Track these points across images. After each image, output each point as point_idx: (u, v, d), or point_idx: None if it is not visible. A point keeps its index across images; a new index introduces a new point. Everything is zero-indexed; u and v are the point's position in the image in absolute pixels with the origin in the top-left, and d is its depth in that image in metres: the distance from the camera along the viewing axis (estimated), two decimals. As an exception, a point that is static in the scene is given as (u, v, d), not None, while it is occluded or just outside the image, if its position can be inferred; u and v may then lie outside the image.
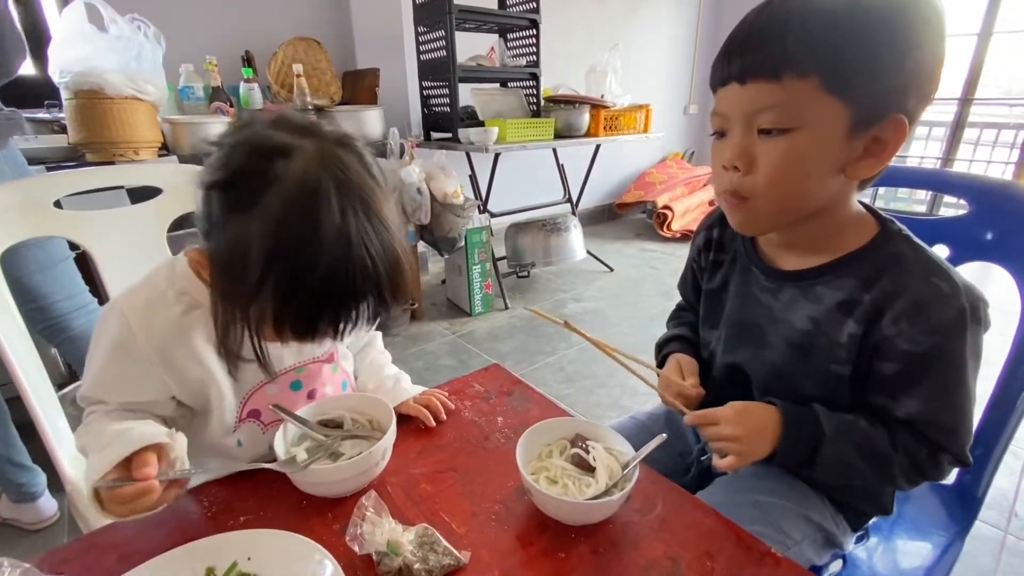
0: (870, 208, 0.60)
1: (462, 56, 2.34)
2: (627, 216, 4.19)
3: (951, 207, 3.65)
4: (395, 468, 0.59)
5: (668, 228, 3.61)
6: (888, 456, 0.55)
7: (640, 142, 2.92)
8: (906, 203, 4.20)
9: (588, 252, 2.91)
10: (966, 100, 3.51)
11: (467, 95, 2.48)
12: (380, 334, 0.82)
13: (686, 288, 0.81)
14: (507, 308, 2.53)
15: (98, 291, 1.17)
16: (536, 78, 2.55)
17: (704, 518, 0.53)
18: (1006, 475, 1.40)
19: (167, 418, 0.61)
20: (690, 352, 0.73)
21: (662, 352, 0.77)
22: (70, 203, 0.90)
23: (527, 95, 2.62)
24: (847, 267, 0.57)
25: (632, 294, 2.72)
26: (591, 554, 0.49)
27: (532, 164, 3.32)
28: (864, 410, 0.58)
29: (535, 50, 2.53)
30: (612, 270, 3.04)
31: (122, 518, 0.47)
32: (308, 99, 2.16)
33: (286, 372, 0.65)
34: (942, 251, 0.73)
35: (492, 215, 2.61)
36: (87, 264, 0.92)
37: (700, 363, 0.74)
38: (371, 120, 2.27)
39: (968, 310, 0.51)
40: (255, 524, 0.52)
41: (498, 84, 2.73)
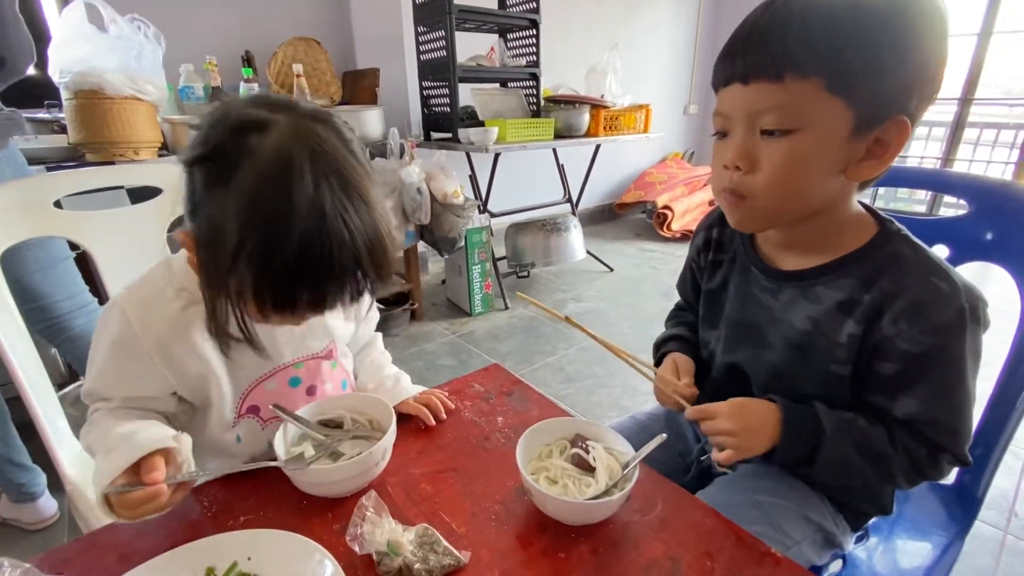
0: (869, 208, 0.60)
1: (462, 56, 2.34)
2: (627, 216, 4.19)
3: (951, 207, 3.65)
4: (395, 468, 0.59)
5: (668, 228, 3.61)
6: (887, 455, 0.55)
7: (640, 142, 2.92)
8: (906, 203, 4.20)
9: (588, 252, 2.91)
10: (966, 100, 3.51)
11: (467, 95, 2.48)
12: (380, 335, 0.82)
13: (685, 288, 0.81)
14: (507, 308, 2.53)
15: (98, 291, 1.17)
16: (536, 78, 2.55)
17: (704, 518, 0.53)
18: (1006, 475, 1.40)
19: (169, 415, 0.61)
20: (688, 351, 0.73)
21: (660, 351, 0.77)
22: (70, 203, 0.90)
23: (527, 95, 2.62)
24: (847, 267, 0.57)
25: (632, 294, 2.72)
26: (591, 554, 0.49)
27: (532, 164, 3.32)
28: (864, 410, 0.58)
29: (535, 50, 2.53)
30: (612, 270, 3.04)
31: (132, 521, 0.48)
32: (308, 99, 2.16)
33: (285, 368, 0.65)
34: (942, 251, 0.73)
35: (492, 215, 2.61)
36: (87, 264, 0.92)
37: (699, 363, 0.74)
38: (371, 120, 2.27)
39: (967, 310, 0.51)
40: (255, 524, 0.52)
41: (498, 84, 2.73)
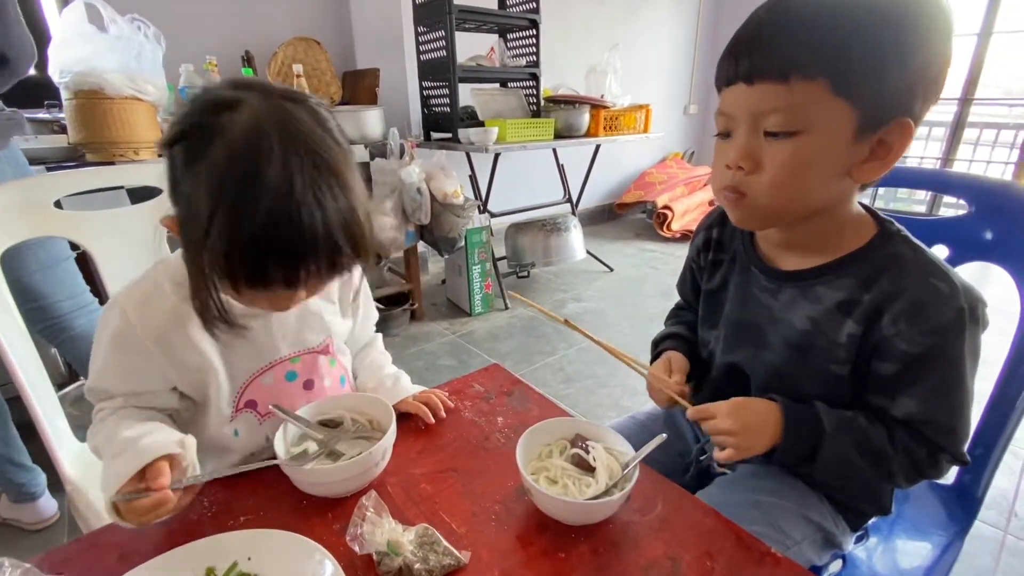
0: (869, 209, 0.60)
1: (462, 56, 2.34)
2: (627, 216, 4.19)
3: (951, 207, 3.65)
4: (395, 468, 0.59)
5: (668, 228, 3.61)
6: (887, 454, 0.55)
7: (640, 142, 2.92)
8: (906, 203, 4.20)
9: (588, 252, 2.91)
10: (966, 100, 3.51)
11: (467, 95, 2.48)
12: (380, 336, 0.83)
13: (685, 288, 0.81)
14: (507, 308, 2.53)
15: (98, 291, 1.17)
16: (536, 78, 2.55)
17: (704, 518, 0.53)
18: (1006, 475, 1.40)
19: (172, 412, 0.62)
20: (684, 350, 0.73)
21: (657, 349, 0.77)
22: (70, 203, 0.90)
23: (527, 95, 2.61)
24: (847, 267, 0.57)
25: (632, 294, 2.72)
26: (591, 554, 0.49)
27: (532, 164, 3.32)
28: (863, 410, 0.58)
29: (535, 50, 2.53)
30: (612, 270, 3.04)
31: (141, 526, 0.49)
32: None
33: (281, 361, 0.65)
34: (942, 251, 0.73)
35: (492, 215, 2.61)
36: (88, 264, 0.92)
37: (699, 363, 0.74)
38: (371, 120, 2.27)
39: (967, 310, 0.51)
40: (255, 524, 0.52)
41: (498, 84, 2.73)
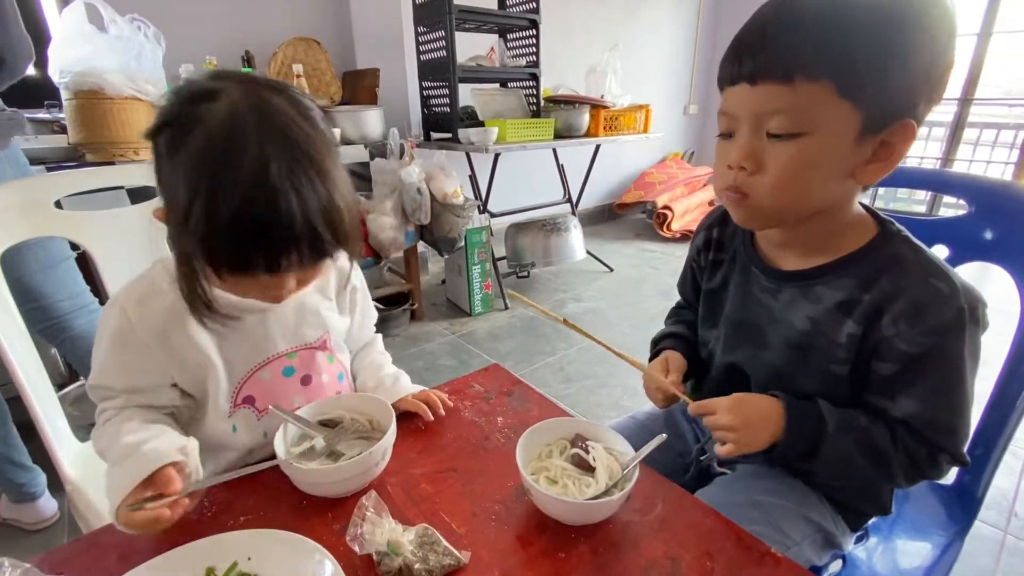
0: (870, 209, 0.60)
1: (462, 56, 2.34)
2: (627, 216, 4.19)
3: (951, 207, 3.65)
4: (395, 468, 0.59)
5: (668, 228, 3.61)
6: (888, 453, 0.55)
7: (640, 142, 2.92)
8: (906, 203, 4.20)
9: (588, 252, 2.91)
10: (966, 100, 3.51)
11: (467, 95, 2.48)
12: (380, 336, 0.83)
13: (685, 288, 0.81)
14: (507, 308, 2.53)
15: (98, 291, 1.17)
16: (536, 78, 2.55)
17: (704, 518, 0.53)
18: (1006, 475, 1.40)
19: (173, 410, 0.62)
20: (683, 349, 0.73)
21: (656, 348, 0.77)
22: (70, 203, 0.90)
23: (527, 95, 2.61)
24: (847, 267, 0.57)
25: (632, 294, 2.72)
26: (591, 554, 0.49)
27: (532, 164, 3.32)
28: (863, 409, 0.58)
29: (535, 50, 2.53)
30: (612, 270, 3.04)
31: (147, 532, 0.49)
32: (309, 100, 2.16)
33: (278, 357, 0.65)
34: (941, 251, 0.73)
35: (492, 215, 2.62)
36: (88, 264, 0.92)
37: (699, 362, 0.74)
38: (371, 120, 2.27)
39: (967, 311, 0.51)
40: (255, 524, 0.52)
41: (498, 84, 2.73)
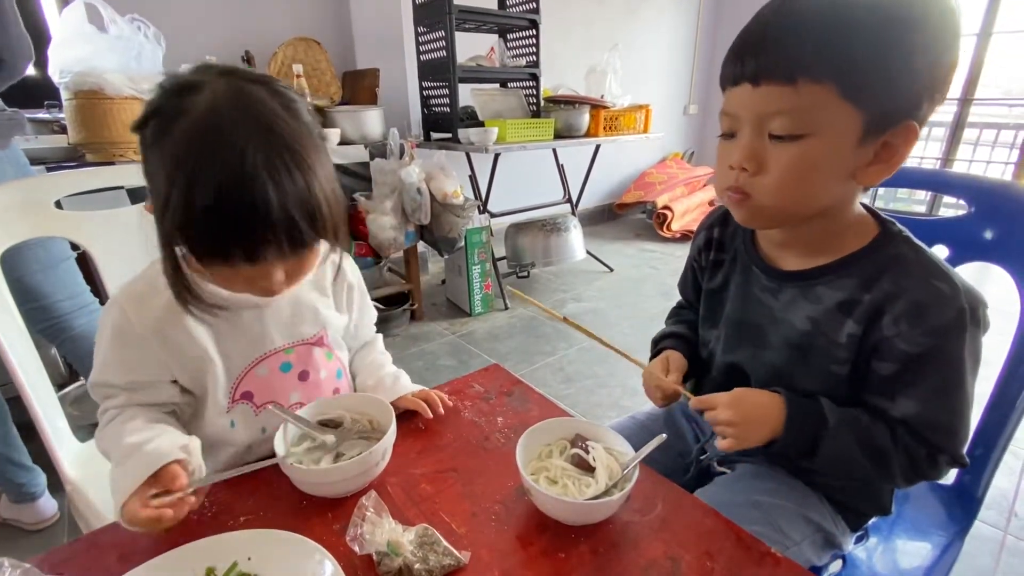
0: (871, 209, 0.60)
1: (462, 56, 2.34)
2: (627, 216, 4.19)
3: (951, 207, 3.65)
4: (395, 468, 0.59)
5: (668, 228, 3.61)
6: (888, 452, 0.55)
7: (640, 142, 2.92)
8: (906, 203, 4.20)
9: (588, 252, 2.91)
10: (966, 100, 3.51)
11: (467, 95, 2.48)
12: (381, 336, 0.83)
13: (686, 287, 0.81)
14: (507, 308, 2.53)
15: (98, 291, 1.17)
16: (536, 78, 2.55)
17: (704, 518, 0.53)
18: (1006, 475, 1.40)
19: (174, 408, 0.63)
20: (684, 349, 0.73)
21: (657, 347, 0.77)
22: (70, 203, 0.90)
23: (527, 95, 2.61)
24: (848, 268, 0.57)
25: (632, 294, 2.72)
26: (591, 554, 0.49)
27: (532, 164, 3.32)
28: (863, 409, 0.58)
29: (535, 50, 2.53)
30: (612, 270, 3.04)
31: (153, 531, 0.50)
32: (308, 99, 2.15)
33: (275, 352, 0.65)
34: (941, 251, 0.73)
35: (492, 215, 2.62)
36: (88, 264, 0.92)
37: (700, 362, 0.74)
38: (371, 120, 2.27)
39: (968, 312, 0.51)
40: (255, 524, 0.52)
41: (498, 84, 2.73)
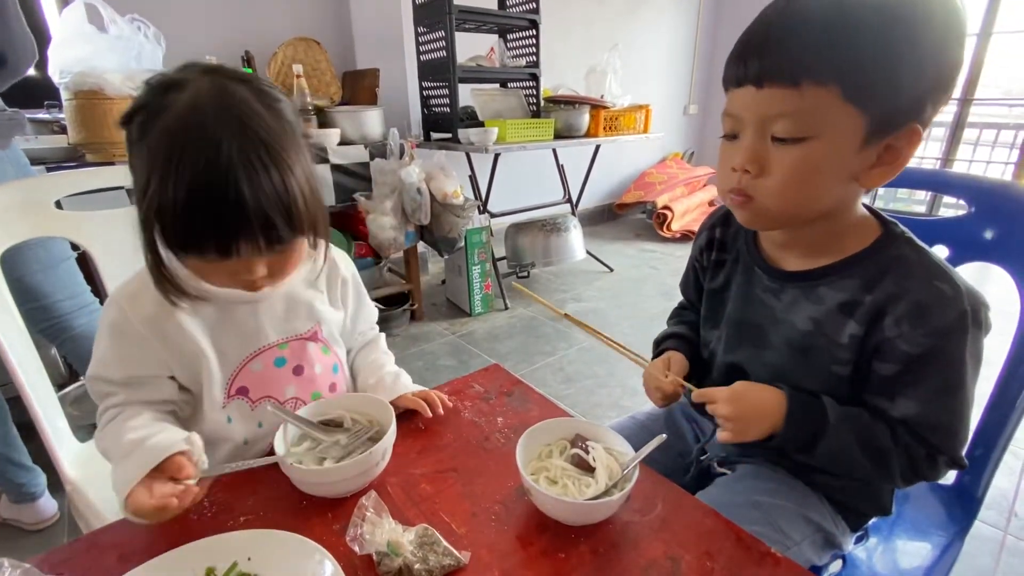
0: (872, 210, 0.60)
1: (462, 56, 2.34)
2: (627, 216, 4.19)
3: (951, 207, 3.65)
4: (395, 468, 0.59)
5: (668, 228, 3.61)
6: (888, 452, 0.55)
7: (640, 142, 2.92)
8: (906, 203, 4.20)
9: (588, 252, 2.91)
10: (966, 100, 3.51)
11: (467, 95, 2.48)
12: (383, 335, 0.83)
13: (688, 288, 0.81)
14: (507, 308, 2.53)
15: (98, 291, 1.17)
16: (536, 78, 2.55)
17: (704, 518, 0.53)
18: (1006, 475, 1.40)
19: (173, 406, 0.63)
20: (685, 350, 0.73)
21: (659, 348, 0.77)
22: (70, 203, 0.90)
23: (527, 95, 2.61)
24: (850, 268, 0.57)
25: (632, 294, 2.72)
26: (591, 554, 0.49)
27: (532, 164, 3.32)
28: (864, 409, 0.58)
29: (535, 50, 2.53)
30: (612, 270, 3.04)
31: (156, 521, 0.50)
32: (308, 99, 2.15)
33: (269, 348, 0.66)
34: (942, 251, 0.73)
35: (492, 215, 2.61)
36: (88, 264, 0.92)
37: (700, 362, 0.74)
38: (371, 120, 2.27)
39: (969, 313, 0.51)
40: (255, 524, 0.52)
41: (498, 84, 2.73)
